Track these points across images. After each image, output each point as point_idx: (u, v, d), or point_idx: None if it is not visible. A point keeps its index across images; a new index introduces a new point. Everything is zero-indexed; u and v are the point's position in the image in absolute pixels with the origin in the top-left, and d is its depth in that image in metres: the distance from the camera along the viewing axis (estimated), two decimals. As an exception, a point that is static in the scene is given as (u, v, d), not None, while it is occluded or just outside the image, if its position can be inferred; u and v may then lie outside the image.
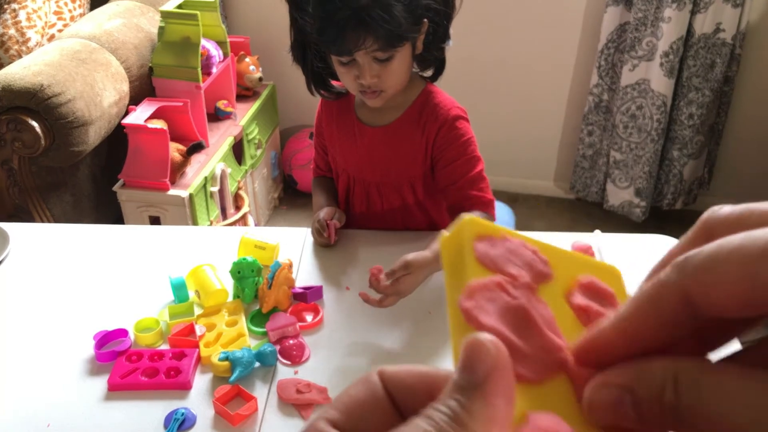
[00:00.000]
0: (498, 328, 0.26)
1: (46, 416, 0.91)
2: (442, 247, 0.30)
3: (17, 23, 1.99)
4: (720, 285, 0.22)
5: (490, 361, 0.23)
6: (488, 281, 0.28)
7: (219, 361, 0.96)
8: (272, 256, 1.16)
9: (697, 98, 2.46)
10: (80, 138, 1.76)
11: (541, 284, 0.29)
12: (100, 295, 1.13)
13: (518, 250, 0.30)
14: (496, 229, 0.30)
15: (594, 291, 0.31)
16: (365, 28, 1.10)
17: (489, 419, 0.22)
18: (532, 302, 0.28)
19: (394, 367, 0.28)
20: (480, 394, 0.22)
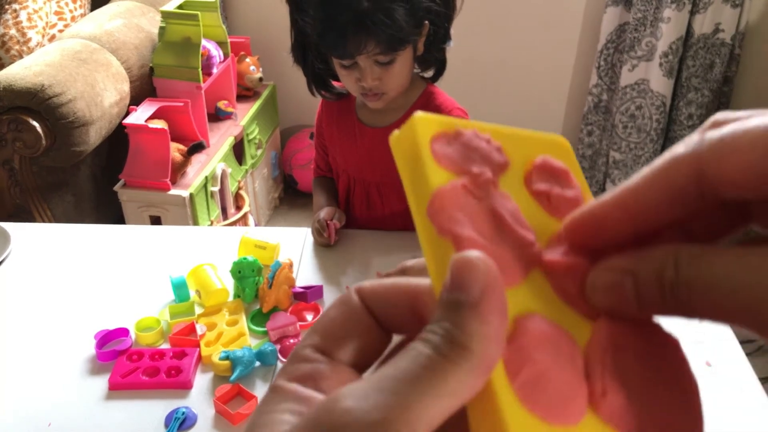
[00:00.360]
0: (474, 237, 0.26)
1: (47, 415, 0.91)
2: (395, 150, 0.29)
3: (18, 23, 2.00)
4: (735, 154, 0.22)
5: (482, 280, 0.23)
6: (453, 186, 0.27)
7: (220, 360, 0.96)
8: (273, 256, 1.16)
9: (697, 98, 2.46)
10: (81, 138, 1.76)
11: (501, 175, 0.29)
12: (100, 295, 1.13)
13: (473, 143, 0.29)
14: (448, 122, 0.29)
15: (549, 171, 0.31)
16: (367, 32, 1.10)
17: (486, 337, 0.22)
18: (497, 199, 0.28)
19: (372, 283, 0.28)
20: (475, 313, 0.22)
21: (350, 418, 0.21)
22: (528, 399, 0.23)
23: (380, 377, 0.22)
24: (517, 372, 0.24)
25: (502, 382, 0.23)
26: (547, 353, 0.25)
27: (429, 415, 0.21)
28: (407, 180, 0.28)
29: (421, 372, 0.21)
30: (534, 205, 0.30)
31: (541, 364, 0.24)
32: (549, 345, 0.25)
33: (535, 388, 0.24)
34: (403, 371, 0.22)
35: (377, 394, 0.21)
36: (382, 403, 0.21)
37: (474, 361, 0.22)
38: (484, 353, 0.22)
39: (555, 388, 0.24)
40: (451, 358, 0.22)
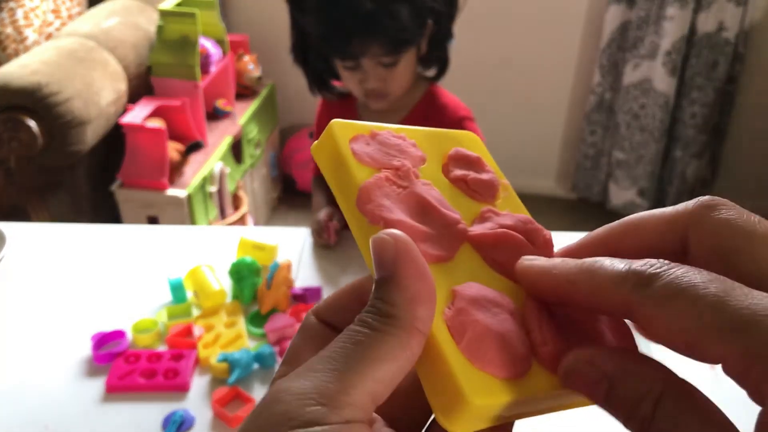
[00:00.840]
0: (402, 219, 0.28)
1: (43, 418, 0.90)
2: (316, 157, 0.31)
3: (15, 22, 1.98)
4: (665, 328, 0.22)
5: (392, 250, 0.24)
6: (376, 179, 0.29)
7: (217, 362, 0.95)
8: (271, 257, 1.15)
9: (700, 97, 2.45)
10: (78, 137, 1.74)
11: (420, 167, 0.32)
12: (97, 296, 1.11)
13: (389, 141, 0.31)
14: (363, 126, 0.31)
15: (463, 159, 0.34)
16: (371, 35, 1.09)
17: (409, 300, 0.24)
18: (421, 186, 0.30)
19: (324, 299, 0.30)
20: (394, 282, 0.24)
21: (286, 395, 0.22)
22: (476, 357, 0.25)
23: (314, 359, 0.23)
24: (461, 334, 0.25)
25: (449, 345, 0.25)
26: (487, 313, 0.26)
27: (366, 384, 0.22)
28: (333, 182, 0.30)
29: (351, 347, 0.23)
30: (454, 190, 0.32)
31: (483, 322, 0.26)
32: (488, 305, 0.27)
33: (480, 345, 0.25)
34: (334, 350, 0.23)
35: (310, 372, 0.23)
36: (318, 380, 0.22)
37: (400, 325, 0.23)
38: (410, 316, 0.24)
39: (499, 344, 0.26)
40: (379, 328, 0.23)
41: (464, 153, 0.34)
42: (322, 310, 0.30)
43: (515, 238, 0.30)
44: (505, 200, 0.34)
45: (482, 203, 0.33)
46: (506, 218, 0.32)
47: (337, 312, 0.29)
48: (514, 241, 0.30)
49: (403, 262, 0.24)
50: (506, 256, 0.30)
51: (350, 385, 0.22)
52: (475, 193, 0.33)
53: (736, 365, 0.21)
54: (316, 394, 0.22)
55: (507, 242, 0.30)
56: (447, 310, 0.26)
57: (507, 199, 0.34)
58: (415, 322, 0.24)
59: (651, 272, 0.23)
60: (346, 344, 0.23)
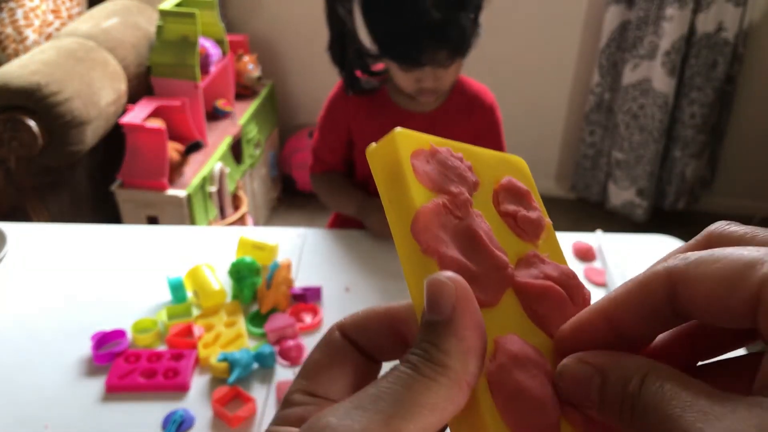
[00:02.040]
0: (457, 258, 0.27)
1: (43, 417, 0.90)
2: (373, 162, 0.29)
3: (15, 22, 1.98)
4: (702, 284, 0.23)
5: (452, 296, 0.24)
6: (435, 205, 0.28)
7: (217, 362, 0.95)
8: (271, 257, 1.15)
9: (699, 98, 2.45)
10: (78, 137, 1.74)
11: (473, 194, 0.30)
12: (97, 296, 1.11)
13: (449, 162, 0.30)
14: (424, 139, 0.30)
15: (514, 192, 0.33)
16: (440, 44, 1.13)
17: (463, 352, 0.23)
18: (474, 218, 0.29)
19: (352, 316, 0.29)
20: (450, 330, 0.23)
21: None
22: (510, 417, 0.25)
23: (361, 396, 0.23)
24: (499, 390, 0.25)
25: (487, 401, 0.24)
26: (527, 374, 0.26)
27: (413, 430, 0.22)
28: (387, 195, 0.29)
29: (401, 390, 0.22)
30: (502, 225, 0.31)
31: (523, 384, 0.25)
32: (528, 365, 0.26)
33: (516, 406, 0.25)
34: (383, 390, 0.23)
35: (358, 410, 0.22)
36: (364, 419, 0.22)
37: (452, 377, 0.23)
38: (462, 369, 0.23)
39: (535, 409, 0.25)
40: (429, 375, 0.23)
41: (516, 185, 0.33)
42: (349, 327, 0.29)
43: (558, 293, 0.30)
44: (546, 242, 0.33)
45: (527, 243, 0.32)
46: (552, 269, 0.31)
47: (364, 333, 0.28)
48: (557, 296, 0.30)
49: (463, 312, 0.24)
50: (546, 309, 0.29)
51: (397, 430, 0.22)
52: (522, 231, 0.32)
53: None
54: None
55: (550, 296, 0.30)
56: (489, 362, 0.26)
57: (548, 240, 0.33)
58: (466, 375, 0.23)
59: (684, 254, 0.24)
60: (396, 386, 0.23)
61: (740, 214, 2.73)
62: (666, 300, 0.24)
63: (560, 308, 0.29)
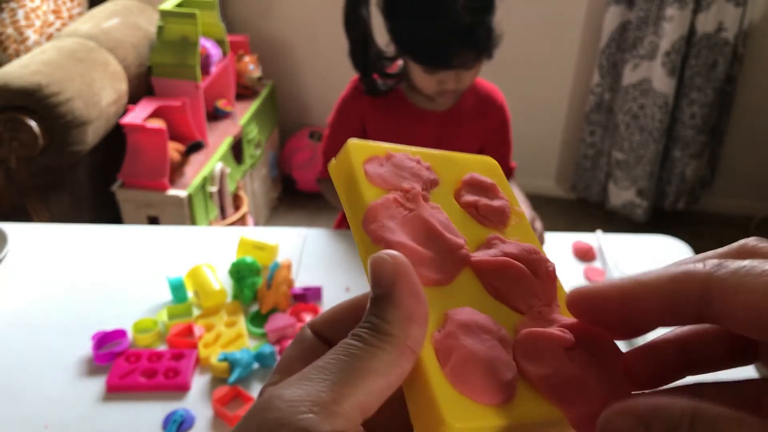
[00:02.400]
0: (403, 241, 0.28)
1: (43, 417, 0.90)
2: (333, 175, 0.32)
3: (15, 22, 1.98)
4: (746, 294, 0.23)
5: (390, 270, 0.25)
6: (384, 200, 0.30)
7: (218, 362, 0.95)
8: (271, 257, 1.15)
9: (699, 98, 2.45)
10: (78, 138, 1.74)
11: (432, 190, 0.32)
12: (98, 296, 1.12)
13: (403, 163, 0.32)
14: (379, 148, 0.32)
15: (477, 185, 0.34)
16: (468, 47, 1.15)
17: (404, 319, 0.25)
18: (427, 210, 0.30)
19: (321, 314, 0.31)
20: (390, 300, 0.25)
21: (279, 402, 0.22)
22: (459, 381, 0.25)
23: (308, 369, 0.24)
24: (447, 357, 0.26)
25: (433, 367, 0.25)
26: (476, 338, 0.27)
27: (357, 396, 0.23)
28: (345, 201, 0.31)
29: (345, 358, 0.24)
30: (464, 215, 0.32)
31: (469, 347, 0.26)
32: (478, 331, 0.27)
33: (464, 370, 0.25)
34: (328, 361, 0.24)
35: (303, 381, 0.23)
36: (309, 387, 0.23)
37: (394, 343, 0.24)
38: (403, 334, 0.24)
39: (484, 370, 0.26)
40: (372, 343, 0.24)
41: (478, 179, 0.34)
42: (319, 325, 0.30)
43: (517, 267, 0.30)
44: (515, 228, 0.34)
45: (491, 229, 0.33)
46: (511, 246, 0.31)
47: (333, 327, 0.30)
48: (515, 270, 0.30)
49: (399, 282, 0.25)
50: (506, 284, 0.30)
51: (342, 396, 0.23)
52: (485, 219, 0.33)
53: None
54: (309, 402, 0.22)
55: (508, 270, 0.30)
56: (436, 333, 0.27)
57: (517, 226, 0.34)
58: (407, 340, 0.24)
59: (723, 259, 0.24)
60: (340, 356, 0.24)
61: (740, 214, 2.73)
62: (697, 301, 0.24)
63: (520, 282, 0.30)
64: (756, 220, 2.67)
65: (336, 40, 2.59)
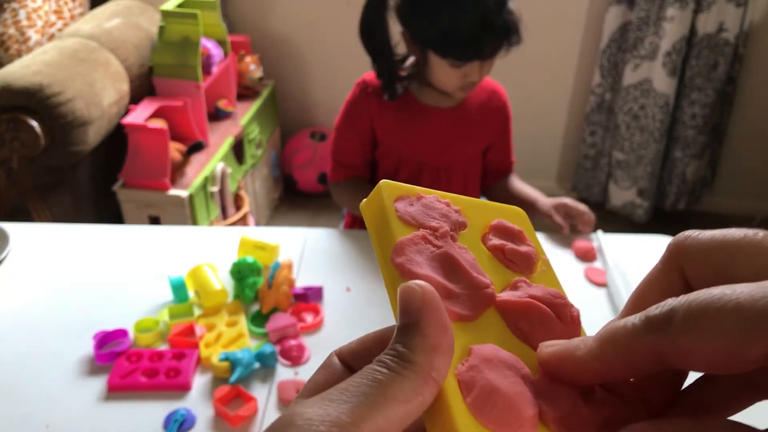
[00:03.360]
0: (430, 275, 0.29)
1: (45, 416, 0.90)
2: (364, 213, 0.32)
3: (17, 22, 1.98)
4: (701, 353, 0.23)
5: (419, 299, 0.25)
6: (413, 236, 0.30)
7: (219, 361, 0.95)
8: (272, 257, 1.15)
9: (700, 98, 2.45)
10: (80, 138, 1.75)
11: (460, 232, 0.33)
12: (99, 296, 1.12)
13: (433, 205, 0.32)
14: (411, 189, 0.33)
15: (504, 231, 0.34)
16: (499, 35, 1.19)
17: (429, 348, 0.25)
18: (455, 248, 0.31)
19: (349, 344, 0.31)
20: (417, 330, 0.25)
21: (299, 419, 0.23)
22: (481, 414, 0.26)
23: (331, 390, 0.24)
24: (470, 390, 0.26)
25: (456, 398, 0.26)
26: (499, 374, 0.27)
27: (377, 420, 0.23)
28: (375, 238, 0.31)
29: (368, 383, 0.24)
30: (490, 258, 0.33)
31: (493, 381, 0.26)
32: (501, 366, 0.27)
33: (486, 403, 0.26)
34: (352, 384, 0.24)
35: (325, 401, 0.24)
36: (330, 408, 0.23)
37: (417, 371, 0.24)
38: (427, 363, 0.24)
39: (506, 404, 0.26)
40: (395, 370, 0.24)
41: (506, 225, 0.35)
42: (346, 354, 0.31)
43: (541, 310, 0.31)
44: (542, 275, 0.34)
45: (517, 274, 0.33)
46: (536, 290, 0.32)
47: (360, 357, 0.30)
48: (540, 312, 0.31)
49: (427, 312, 0.25)
50: (530, 326, 0.30)
51: (362, 419, 0.23)
52: (512, 264, 0.33)
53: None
54: (328, 422, 0.23)
55: (533, 312, 0.31)
56: (460, 365, 0.27)
57: (544, 274, 0.34)
58: (431, 370, 0.25)
59: (665, 310, 0.24)
60: (363, 380, 0.24)
61: (741, 214, 2.73)
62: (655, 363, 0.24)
63: (544, 324, 0.31)
64: (757, 220, 2.67)
65: (337, 41, 2.59)
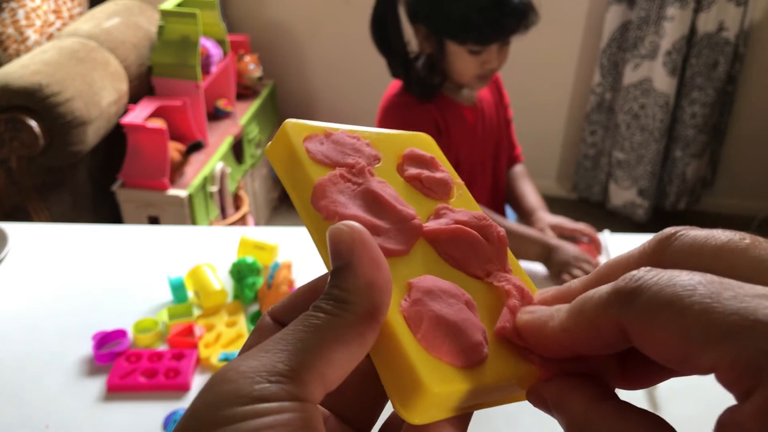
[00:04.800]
0: (356, 214, 0.29)
1: (44, 417, 0.90)
2: (271, 157, 0.32)
3: (16, 22, 1.98)
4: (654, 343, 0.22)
5: (348, 239, 0.25)
6: (331, 176, 0.30)
7: (218, 362, 0.95)
8: (272, 257, 1.15)
9: (700, 97, 2.45)
10: (79, 137, 1.74)
11: (375, 166, 0.32)
12: (98, 296, 1.11)
13: (344, 140, 0.32)
14: (318, 127, 0.32)
15: (418, 159, 0.34)
16: (518, 15, 1.19)
17: (365, 286, 0.24)
18: (375, 183, 0.31)
19: (281, 300, 0.30)
20: (350, 271, 0.24)
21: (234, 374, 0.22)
22: (433, 346, 0.26)
23: (266, 341, 0.23)
24: (418, 324, 0.26)
25: (406, 335, 0.25)
26: (443, 303, 0.27)
27: (318, 366, 0.22)
28: (287, 182, 0.31)
29: (304, 329, 0.23)
30: (409, 188, 0.33)
31: (439, 312, 0.26)
32: (444, 296, 0.27)
33: (437, 334, 0.26)
34: (287, 332, 0.23)
35: (260, 352, 0.23)
36: (266, 358, 0.22)
37: (355, 310, 0.24)
38: (365, 302, 0.24)
39: (456, 333, 0.26)
40: (334, 313, 0.24)
41: (418, 153, 0.35)
42: (278, 311, 0.30)
43: (469, 233, 0.31)
44: (460, 198, 0.34)
45: (437, 201, 0.33)
46: (461, 214, 0.32)
47: (292, 312, 0.29)
48: (468, 236, 0.31)
49: (359, 251, 0.25)
50: (460, 250, 0.31)
51: (301, 365, 0.22)
52: (430, 191, 0.33)
53: (727, 374, 0.20)
54: (265, 372, 0.22)
55: (461, 237, 0.31)
56: (403, 301, 0.27)
57: (461, 197, 0.35)
58: (370, 308, 0.24)
59: (633, 286, 0.23)
60: (299, 327, 0.23)
61: (741, 214, 2.72)
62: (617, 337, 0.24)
63: (474, 247, 0.31)
64: (757, 220, 2.67)
65: (337, 40, 2.59)
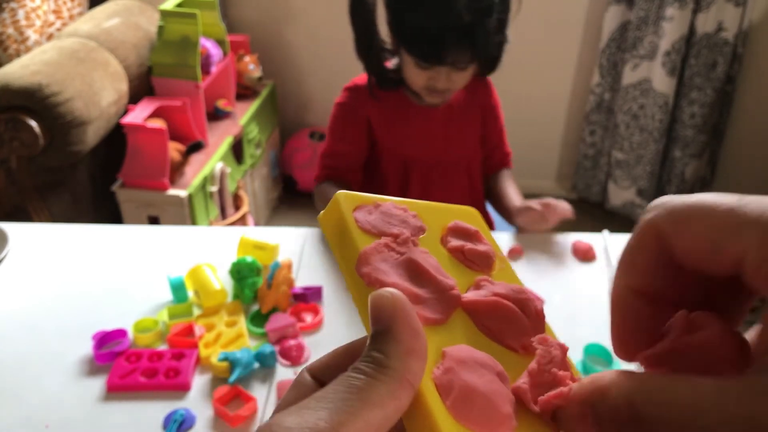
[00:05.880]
0: (397, 282, 0.29)
1: (44, 417, 0.90)
2: (323, 225, 0.33)
3: (16, 22, 1.98)
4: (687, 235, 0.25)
5: (390, 306, 0.26)
6: (376, 245, 0.31)
7: (218, 361, 0.95)
8: (272, 257, 1.15)
9: (699, 97, 2.45)
10: (79, 137, 1.75)
11: (419, 236, 0.33)
12: (98, 295, 1.12)
13: (391, 212, 0.33)
14: (368, 198, 0.33)
15: (461, 232, 0.35)
16: (464, 46, 1.15)
17: (403, 353, 0.25)
18: (418, 253, 0.32)
19: (319, 359, 0.31)
20: (390, 336, 0.25)
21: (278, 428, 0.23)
22: (461, 415, 0.26)
23: (308, 400, 0.24)
24: (448, 392, 0.26)
25: (436, 402, 0.26)
26: (474, 374, 0.28)
27: (356, 425, 0.23)
28: (337, 250, 0.32)
29: (344, 389, 0.24)
30: (451, 260, 0.34)
31: (470, 382, 0.27)
32: (476, 366, 0.28)
33: (466, 404, 0.26)
34: (328, 391, 0.24)
35: (302, 410, 0.24)
36: (307, 415, 0.23)
37: (392, 375, 0.25)
38: (402, 367, 0.25)
39: (484, 403, 0.27)
40: (372, 375, 0.25)
41: (463, 226, 0.35)
42: (317, 369, 0.31)
43: (506, 306, 0.32)
44: (501, 272, 0.35)
45: (478, 273, 0.34)
46: (500, 287, 0.33)
47: (331, 371, 0.30)
48: (505, 309, 0.32)
49: (399, 318, 0.26)
50: (497, 322, 0.31)
51: (341, 424, 0.23)
52: (472, 263, 0.34)
53: (755, 257, 0.23)
54: (308, 428, 0.23)
55: (498, 309, 0.31)
56: (436, 369, 0.27)
57: (503, 271, 0.35)
58: (406, 374, 0.25)
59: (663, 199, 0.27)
60: (339, 387, 0.24)
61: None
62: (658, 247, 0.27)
63: (511, 321, 0.32)
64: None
65: (336, 40, 2.59)
